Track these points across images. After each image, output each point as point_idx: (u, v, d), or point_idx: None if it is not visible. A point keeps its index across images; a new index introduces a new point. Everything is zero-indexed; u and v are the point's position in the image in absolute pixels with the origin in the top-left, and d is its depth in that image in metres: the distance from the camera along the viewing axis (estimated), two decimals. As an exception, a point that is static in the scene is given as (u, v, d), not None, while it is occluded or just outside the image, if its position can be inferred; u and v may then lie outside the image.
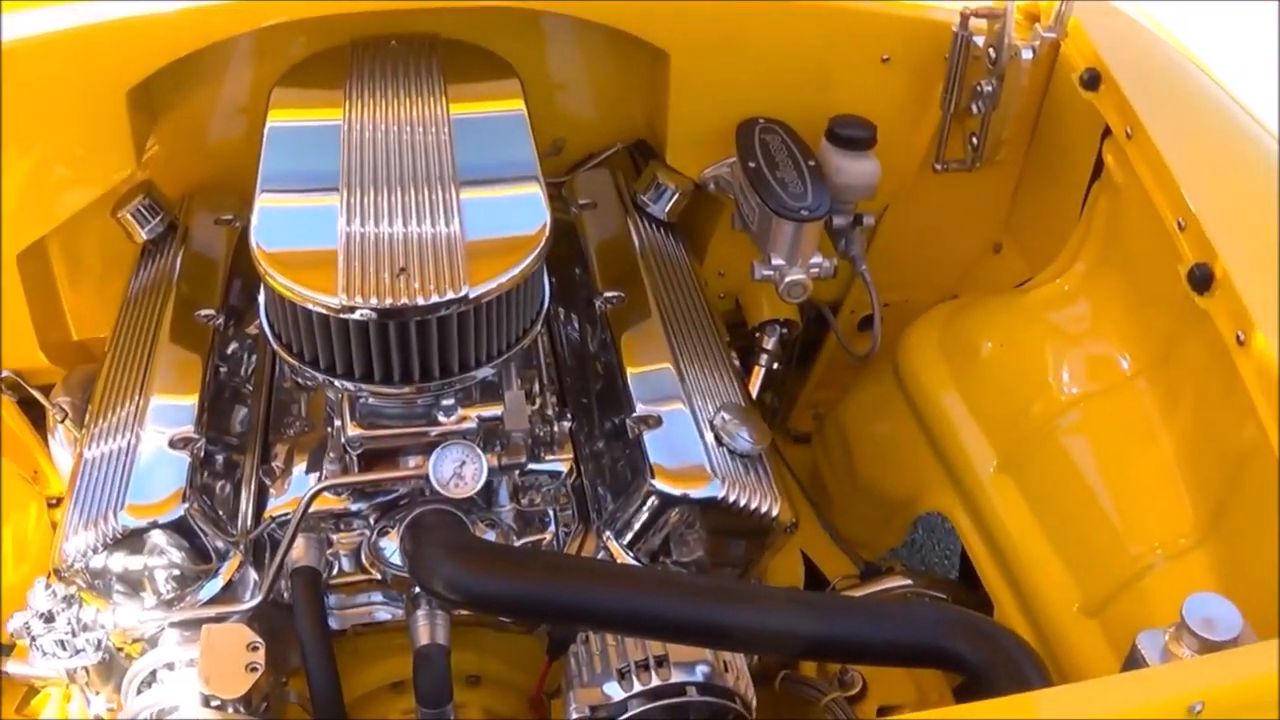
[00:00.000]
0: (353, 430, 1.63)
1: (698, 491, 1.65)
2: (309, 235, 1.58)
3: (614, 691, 1.54)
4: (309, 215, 1.63)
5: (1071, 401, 1.87)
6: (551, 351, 1.93)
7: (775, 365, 2.18)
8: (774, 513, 1.68)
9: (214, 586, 1.64)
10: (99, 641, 1.57)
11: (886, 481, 2.14)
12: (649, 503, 1.66)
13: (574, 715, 1.54)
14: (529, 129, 1.79)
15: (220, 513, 1.67)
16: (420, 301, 1.50)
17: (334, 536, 1.71)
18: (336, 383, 1.58)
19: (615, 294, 1.91)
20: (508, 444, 1.65)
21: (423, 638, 1.60)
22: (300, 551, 1.64)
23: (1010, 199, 2.21)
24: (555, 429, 1.77)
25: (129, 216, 2.03)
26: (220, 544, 1.64)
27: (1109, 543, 1.75)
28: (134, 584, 1.62)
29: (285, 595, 1.62)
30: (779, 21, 2.00)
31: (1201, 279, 1.65)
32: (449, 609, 1.60)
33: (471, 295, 1.52)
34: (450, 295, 1.51)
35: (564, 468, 1.75)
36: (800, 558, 2.18)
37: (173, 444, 1.67)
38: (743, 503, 1.66)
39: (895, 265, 2.22)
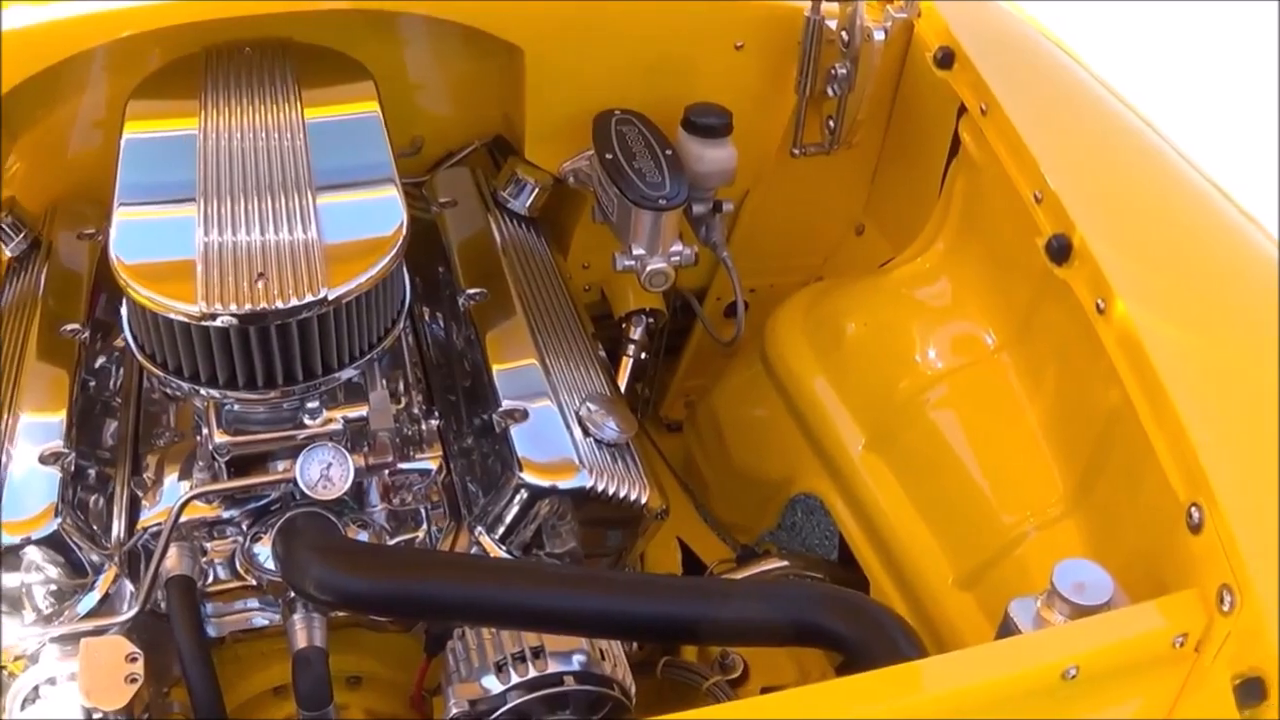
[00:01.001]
0: (219, 438, 1.67)
1: (566, 483, 1.71)
2: (168, 246, 1.63)
3: (492, 685, 1.60)
4: (167, 226, 1.67)
5: (937, 377, 1.96)
6: (418, 351, 1.97)
7: (643, 355, 2.25)
8: (643, 500, 1.74)
9: (91, 600, 1.68)
10: None
11: (759, 466, 2.21)
12: (518, 496, 1.71)
13: (453, 711, 1.59)
14: (384, 130, 1.85)
15: (94, 526, 1.72)
16: (279, 305, 1.56)
17: (208, 545, 1.75)
18: (202, 391, 1.64)
19: (478, 291, 1.95)
20: (374, 444, 1.67)
21: (300, 641, 1.65)
22: (173, 561, 1.68)
23: (870, 181, 2.28)
24: (423, 427, 1.82)
25: None
26: (95, 557, 1.69)
27: (980, 515, 1.84)
28: (13, 601, 1.66)
29: (162, 605, 1.65)
30: (631, 14, 2.07)
31: (1059, 250, 1.73)
32: (325, 611, 1.63)
33: (330, 297, 1.59)
34: (309, 298, 1.57)
35: (433, 465, 1.80)
36: (677, 545, 2.23)
37: (43, 459, 1.71)
38: (611, 491, 1.72)
39: (759, 250, 2.29)
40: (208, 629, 1.74)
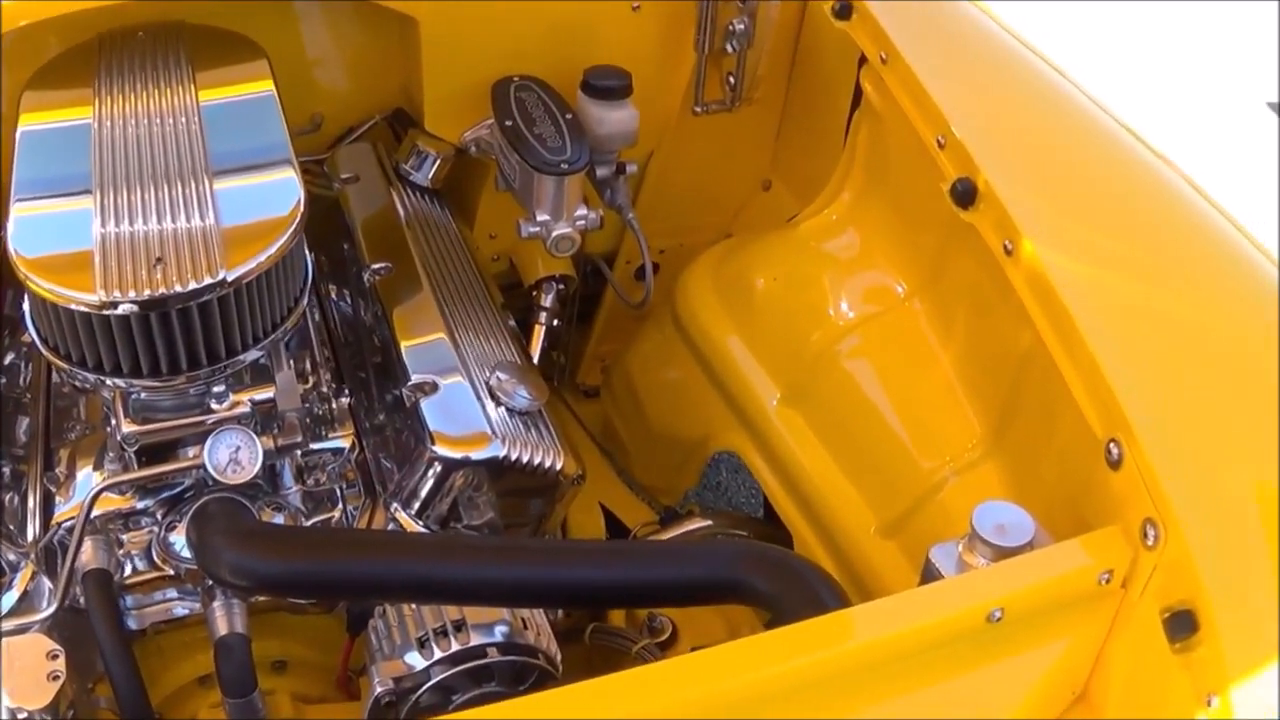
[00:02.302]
0: (127, 427, 1.70)
1: (479, 453, 1.75)
2: (66, 238, 1.65)
3: (415, 661, 1.64)
4: (64, 218, 1.69)
5: (848, 328, 2.01)
6: (325, 329, 2.00)
7: (555, 322, 2.27)
8: (558, 467, 1.79)
9: (9, 599, 1.72)
10: None
11: (677, 426, 2.26)
12: (431, 470, 1.75)
13: (378, 689, 1.62)
14: (279, 109, 1.87)
15: (9, 525, 1.75)
16: (178, 289, 1.59)
17: (124, 536, 1.78)
18: (108, 381, 1.66)
19: (382, 265, 1.98)
20: (283, 425, 1.70)
21: (221, 628, 1.69)
22: (89, 555, 1.71)
23: (776, 136, 2.31)
24: (334, 406, 1.86)
25: None
26: (12, 556, 1.73)
27: (899, 463, 1.89)
28: None
29: (81, 601, 1.67)
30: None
31: (964, 193, 1.77)
32: (244, 597, 1.66)
33: (229, 279, 1.62)
34: (207, 280, 1.60)
35: (345, 444, 1.84)
36: (599, 510, 2.27)
37: None
38: (524, 460, 1.76)
39: (667, 211, 2.33)
40: (129, 622, 1.76)
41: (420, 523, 1.77)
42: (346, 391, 1.88)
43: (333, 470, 1.85)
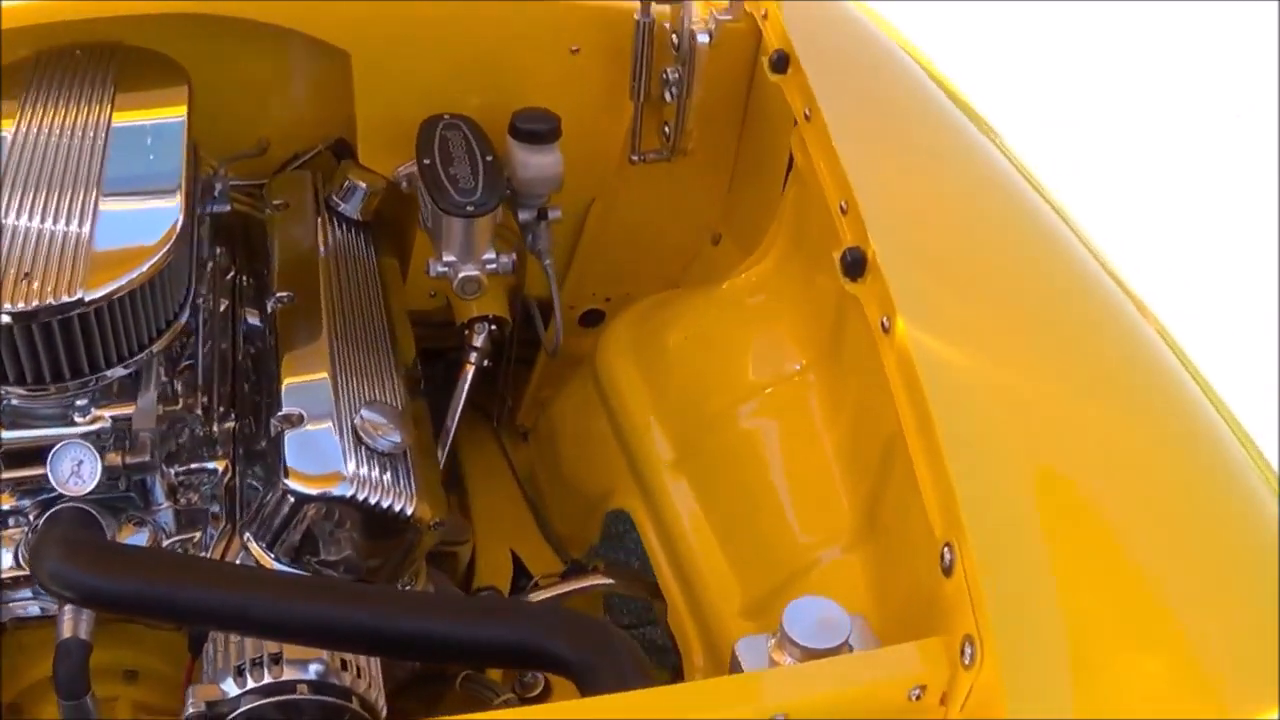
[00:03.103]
0: None
1: (327, 490, 1.77)
2: None
3: (229, 688, 1.68)
4: None
5: (746, 394, 2.00)
6: (232, 351, 2.03)
7: (485, 363, 2.27)
8: (409, 511, 1.79)
9: None
10: None
11: (585, 478, 2.27)
12: (282, 502, 1.76)
13: (189, 710, 1.64)
14: (183, 136, 1.95)
15: None
16: (36, 304, 1.65)
17: (2, 533, 1.82)
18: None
19: (286, 294, 2.03)
20: (135, 443, 1.74)
21: (65, 631, 1.73)
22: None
23: (725, 189, 2.31)
24: (216, 429, 1.87)
25: None
26: None
27: (772, 541, 1.87)
28: None
29: None
30: (460, 18, 2.14)
31: (853, 264, 1.73)
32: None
33: (87, 299, 1.68)
34: (65, 299, 1.67)
35: (219, 467, 1.87)
36: (510, 556, 2.28)
37: None
38: (374, 501, 1.77)
39: (611, 260, 2.34)
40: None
41: (271, 554, 1.81)
42: (232, 416, 1.93)
43: (205, 492, 1.89)
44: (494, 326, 2.34)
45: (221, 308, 2.10)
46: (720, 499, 1.96)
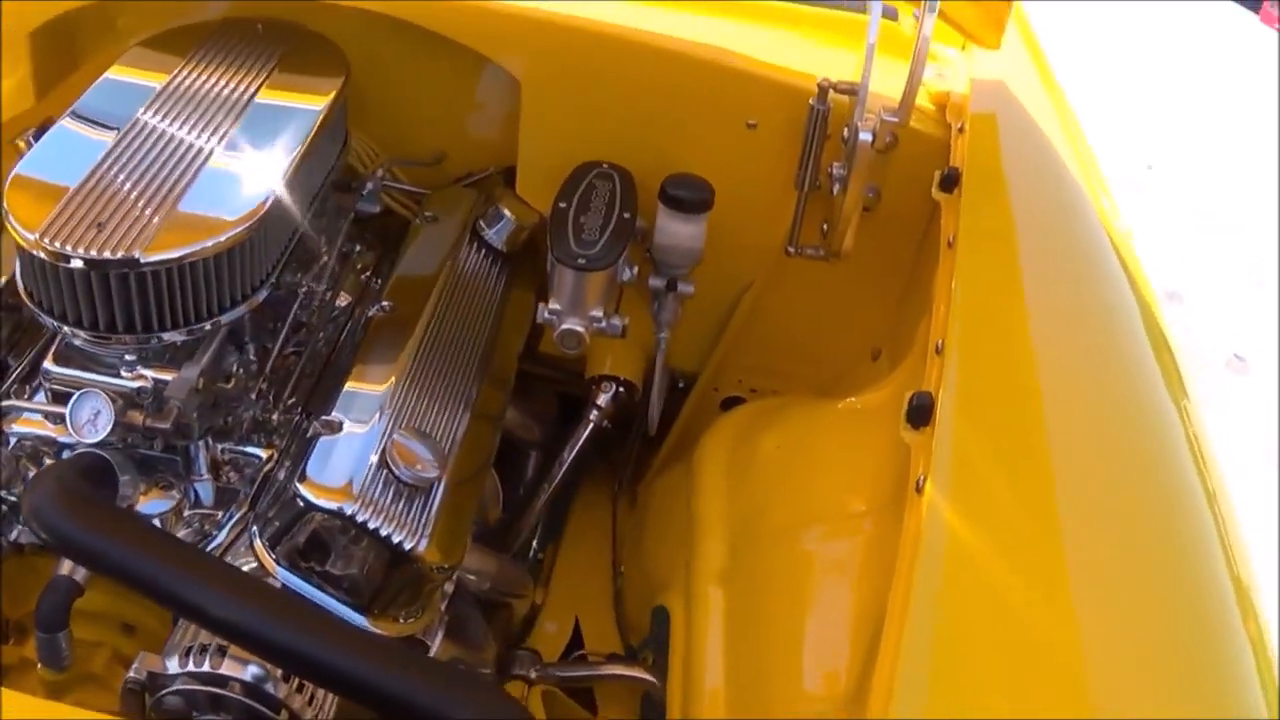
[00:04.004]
0: (48, 364, 1.85)
1: (331, 504, 1.76)
2: (61, 172, 1.83)
3: (172, 665, 1.69)
4: (71, 160, 1.87)
5: (804, 524, 1.88)
6: (332, 346, 2.06)
7: (606, 423, 2.22)
8: (408, 546, 1.76)
9: None
10: None
11: (653, 564, 2.21)
12: (289, 504, 1.77)
13: (130, 674, 1.67)
14: (314, 124, 1.99)
15: None
16: (91, 254, 1.71)
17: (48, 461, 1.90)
18: (43, 318, 1.81)
19: (387, 304, 2.02)
20: (160, 410, 1.78)
21: (63, 568, 1.79)
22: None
23: (892, 302, 2.18)
24: (278, 417, 1.90)
25: (19, 143, 2.28)
26: None
27: (775, 683, 1.75)
28: None
29: None
30: (638, 67, 2.09)
31: (917, 410, 1.60)
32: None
33: (142, 261, 1.73)
34: (119, 255, 1.72)
35: (265, 454, 1.89)
36: (573, 623, 2.22)
37: None
38: (374, 527, 1.75)
39: (760, 352, 2.26)
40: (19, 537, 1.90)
41: (272, 553, 1.81)
42: (300, 407, 1.95)
43: (248, 474, 1.92)
44: (621, 389, 2.30)
45: (342, 303, 2.13)
46: (746, 622, 1.83)
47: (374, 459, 1.83)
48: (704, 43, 2.09)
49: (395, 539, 1.78)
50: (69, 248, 1.72)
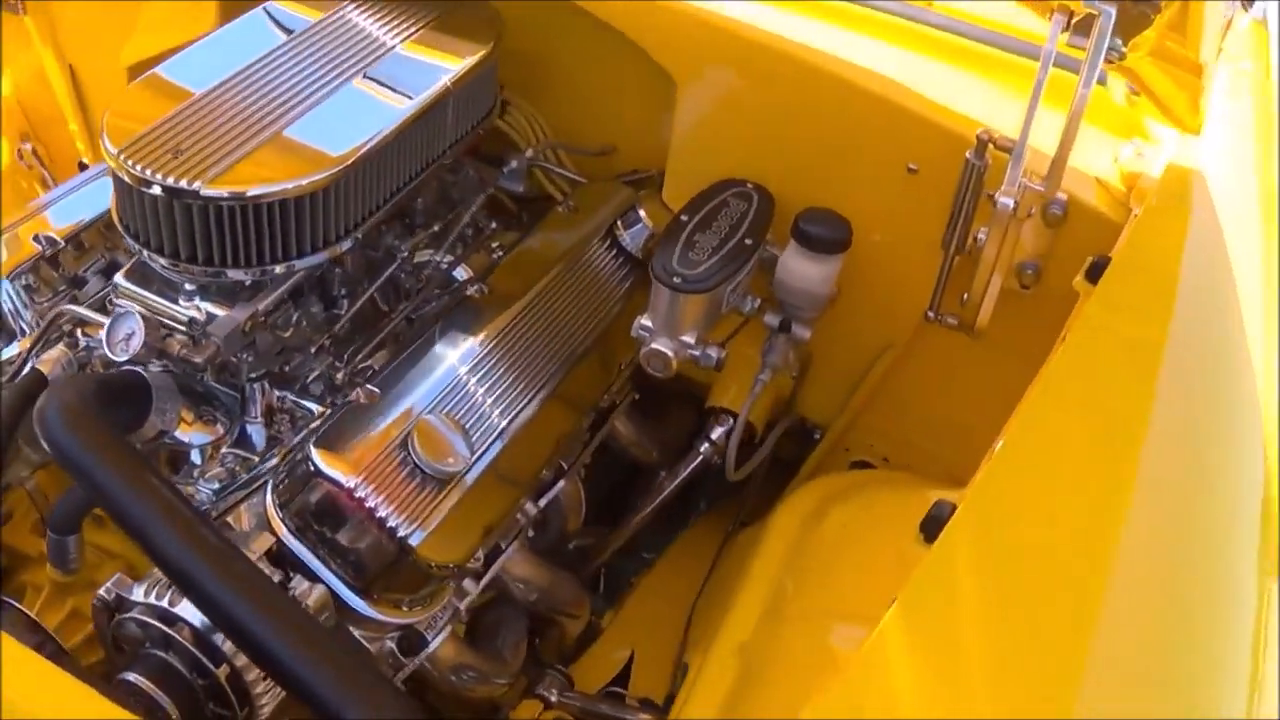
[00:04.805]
0: (119, 278, 1.87)
1: (334, 473, 1.72)
2: (164, 94, 1.86)
3: (138, 592, 1.67)
4: (184, 87, 1.89)
5: (826, 614, 1.71)
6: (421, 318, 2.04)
7: (716, 459, 2.10)
8: (402, 534, 1.72)
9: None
10: None
11: (706, 614, 2.03)
12: (300, 464, 1.75)
13: (100, 590, 1.68)
14: (434, 91, 1.94)
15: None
16: (156, 179, 1.73)
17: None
18: (125, 236, 1.84)
19: (481, 286, 1.97)
20: (197, 344, 1.78)
21: None
22: (46, 362, 1.88)
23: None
24: (340, 376, 1.88)
25: None
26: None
27: None
28: None
29: None
30: (798, 81, 1.94)
31: (932, 520, 1.46)
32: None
33: (202, 193, 1.73)
34: (182, 184, 1.73)
35: (316, 409, 1.86)
36: (626, 657, 2.11)
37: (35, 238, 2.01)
38: (372, 506, 1.70)
39: (898, 420, 2.10)
40: None
41: (280, 512, 1.77)
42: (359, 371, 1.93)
43: (299, 425, 1.90)
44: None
45: (463, 277, 2.07)
46: (747, 702, 1.69)
47: (398, 438, 1.77)
48: (874, 71, 1.92)
49: (391, 524, 1.72)
50: (142, 169, 1.73)
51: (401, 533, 1.72)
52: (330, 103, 1.89)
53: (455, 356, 1.90)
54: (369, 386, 1.82)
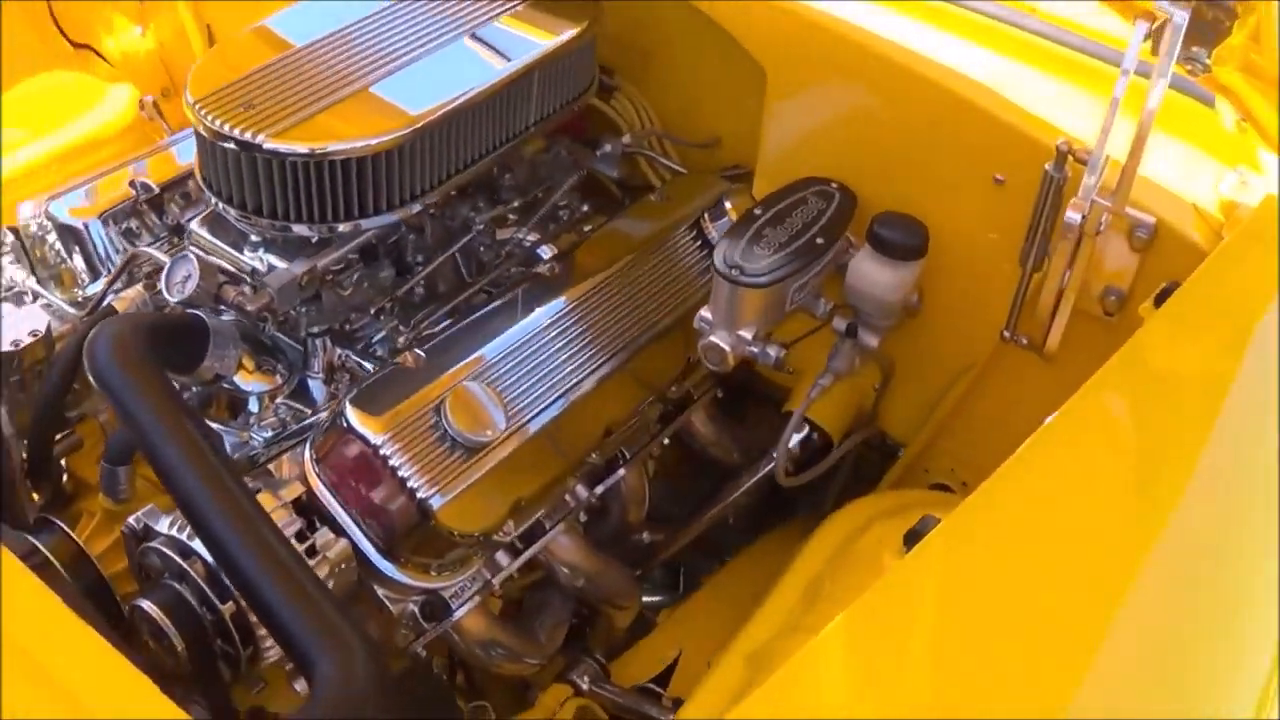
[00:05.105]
0: (194, 224, 1.96)
1: (362, 428, 1.73)
2: (251, 60, 1.91)
3: (163, 525, 1.70)
4: (276, 43, 1.95)
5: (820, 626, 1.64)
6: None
7: (790, 466, 2.06)
8: (422, 496, 1.74)
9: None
10: None
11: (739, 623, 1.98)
12: (333, 417, 1.77)
13: (130, 519, 1.73)
14: (517, 65, 1.95)
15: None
16: (224, 130, 1.79)
17: None
18: (202, 186, 1.91)
19: (552, 265, 1.98)
20: (253, 292, 1.83)
21: None
22: (123, 301, 1.96)
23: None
24: (402, 339, 1.93)
25: None
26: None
27: None
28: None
29: None
30: (887, 79, 1.89)
31: (914, 534, 1.51)
32: None
33: (264, 146, 1.78)
34: (246, 136, 1.78)
35: (373, 369, 1.89)
36: (675, 655, 2.08)
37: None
38: (394, 465, 1.72)
39: (979, 443, 1.99)
40: None
41: (316, 466, 1.80)
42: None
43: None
44: (815, 435, 2.11)
45: (546, 256, 2.08)
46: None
47: (434, 403, 1.78)
48: (966, 76, 1.85)
49: (412, 484, 1.73)
50: (214, 120, 1.78)
51: (422, 494, 1.73)
52: (414, 68, 1.92)
53: (511, 330, 1.90)
54: (416, 351, 1.84)
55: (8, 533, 1.80)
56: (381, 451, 1.73)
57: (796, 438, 2.09)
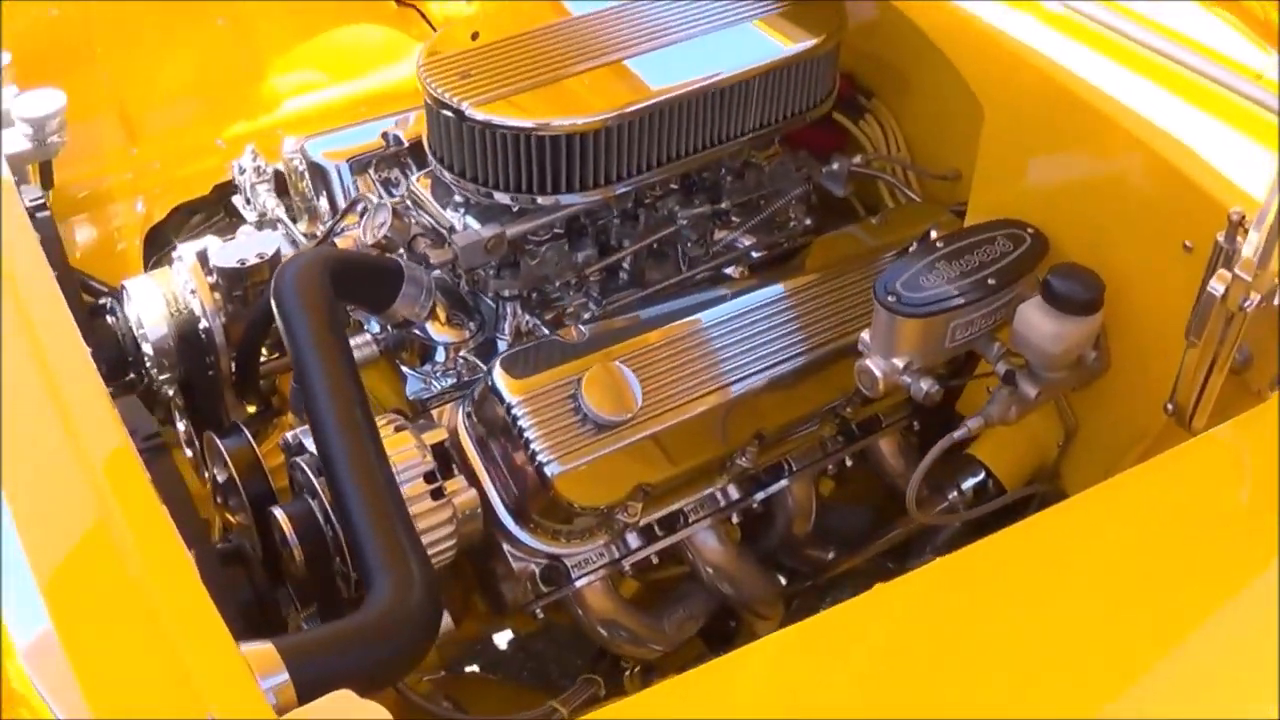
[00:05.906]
0: (414, 179, 2.14)
1: (505, 391, 1.87)
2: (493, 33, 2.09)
3: (310, 443, 1.84)
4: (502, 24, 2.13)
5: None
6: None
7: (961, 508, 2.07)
8: (541, 463, 1.84)
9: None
10: None
11: None
12: (484, 375, 1.90)
13: (287, 434, 1.91)
14: (742, 69, 2.04)
15: None
16: (435, 93, 1.96)
17: None
18: (427, 148, 2.09)
19: (741, 270, 2.08)
20: (438, 246, 2.00)
21: None
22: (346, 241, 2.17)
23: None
24: (588, 315, 2.08)
25: None
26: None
27: None
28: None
29: None
30: (1098, 134, 1.87)
31: None
32: None
33: (466, 112, 1.94)
34: (450, 100, 1.95)
35: (546, 331, 2.03)
36: None
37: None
38: (525, 429, 1.85)
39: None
40: None
41: (467, 421, 1.93)
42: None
43: None
44: (990, 481, 2.10)
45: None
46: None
47: (576, 377, 1.88)
48: (1173, 137, 1.80)
49: (534, 448, 1.83)
50: (432, 85, 1.96)
51: (541, 459, 1.83)
52: (644, 58, 2.03)
53: (680, 320, 1.99)
54: (580, 326, 1.95)
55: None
56: (513, 412, 1.84)
57: (971, 481, 2.09)
